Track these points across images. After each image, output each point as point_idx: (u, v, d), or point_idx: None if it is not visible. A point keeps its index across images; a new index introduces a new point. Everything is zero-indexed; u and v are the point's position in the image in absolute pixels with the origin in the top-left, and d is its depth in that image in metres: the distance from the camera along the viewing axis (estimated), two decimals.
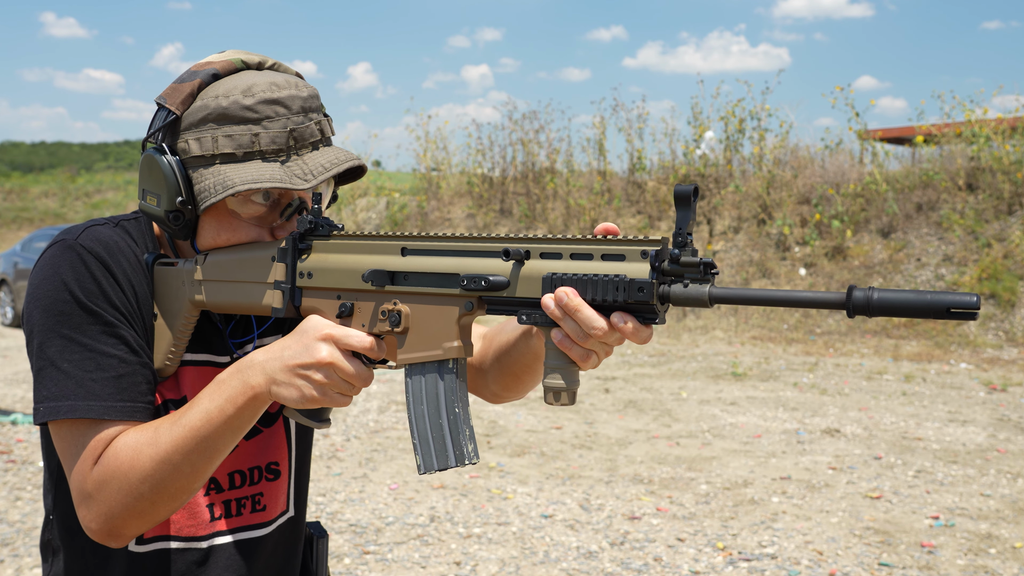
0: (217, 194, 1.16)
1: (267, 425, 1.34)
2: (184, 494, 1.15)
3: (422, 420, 1.12)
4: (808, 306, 0.92)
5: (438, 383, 1.11)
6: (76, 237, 1.19)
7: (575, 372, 1.03)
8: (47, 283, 1.17)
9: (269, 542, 1.35)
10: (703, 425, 6.44)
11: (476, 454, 1.10)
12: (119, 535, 1.16)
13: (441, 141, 17.41)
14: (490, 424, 6.40)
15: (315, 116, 1.22)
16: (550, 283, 1.01)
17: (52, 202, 27.71)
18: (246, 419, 1.13)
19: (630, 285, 0.97)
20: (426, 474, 1.11)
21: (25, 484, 4.94)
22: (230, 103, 1.18)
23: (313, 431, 1.44)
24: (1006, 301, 10.33)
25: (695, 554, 4.00)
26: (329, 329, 1.10)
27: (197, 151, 1.19)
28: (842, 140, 14.22)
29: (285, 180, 1.16)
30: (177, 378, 1.27)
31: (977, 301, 0.84)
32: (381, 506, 4.61)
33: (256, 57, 1.25)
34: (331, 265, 1.17)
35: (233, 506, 1.31)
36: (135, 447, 1.13)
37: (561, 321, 1.00)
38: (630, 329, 0.97)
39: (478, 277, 1.05)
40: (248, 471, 1.32)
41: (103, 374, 1.16)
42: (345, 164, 1.20)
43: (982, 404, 7.21)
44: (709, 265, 0.96)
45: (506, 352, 1.29)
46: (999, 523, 4.41)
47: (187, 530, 1.27)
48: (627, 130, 15.38)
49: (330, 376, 1.09)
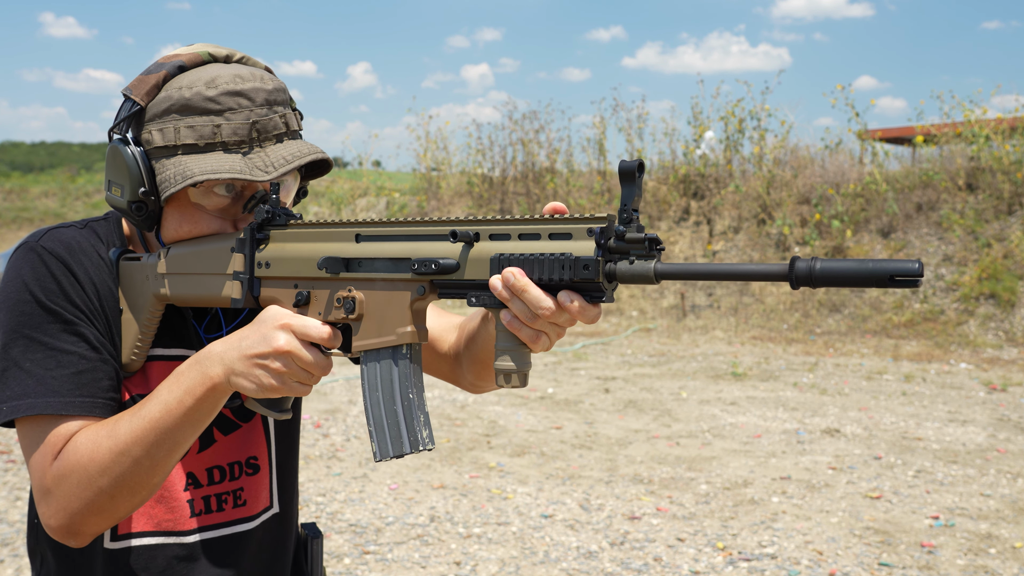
0: (176, 184, 1.16)
1: (245, 420, 1.34)
2: (144, 489, 1.14)
3: (377, 407, 1.11)
4: (753, 279, 0.92)
5: (392, 369, 1.11)
6: (39, 240, 1.21)
7: (526, 354, 1.02)
8: (10, 285, 1.19)
9: (253, 538, 1.34)
10: (703, 425, 6.43)
11: (431, 440, 1.09)
12: (79, 532, 1.16)
13: (441, 141, 17.40)
14: (490, 424, 6.40)
15: (280, 109, 1.22)
16: (497, 264, 1.01)
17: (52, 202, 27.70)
18: (205, 411, 1.13)
19: (576, 263, 0.96)
20: (382, 461, 1.11)
21: (25, 484, 4.94)
22: (193, 94, 1.18)
23: (298, 427, 1.44)
24: (1006, 301, 10.32)
25: (695, 554, 4.00)
26: (287, 318, 1.10)
27: (160, 142, 1.19)
28: (842, 140, 14.21)
29: (245, 171, 1.16)
30: (146, 373, 1.27)
31: (919, 268, 0.83)
32: (381, 506, 4.61)
33: (224, 50, 1.25)
34: (288, 254, 1.17)
35: (213, 501, 1.31)
36: (94, 440, 1.13)
37: (509, 302, 0.99)
38: (576, 308, 0.97)
39: (428, 260, 1.05)
40: (227, 466, 1.32)
41: (63, 371, 1.16)
42: (308, 157, 1.20)
43: (982, 404, 7.20)
44: (655, 241, 0.96)
45: (472, 339, 1.29)
46: (999, 523, 4.41)
47: (166, 524, 1.27)
48: (627, 130, 15.37)
49: (288, 365, 1.09)
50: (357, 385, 7.83)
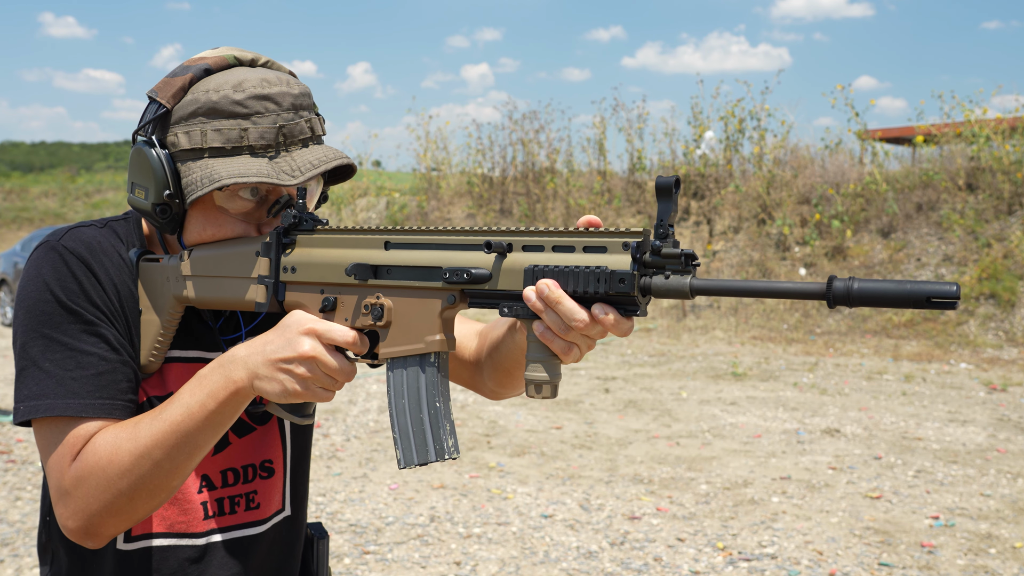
0: (203, 187, 1.16)
1: (260, 423, 1.34)
2: (163, 491, 1.14)
3: (403, 414, 1.11)
4: (789, 296, 0.92)
5: (419, 377, 1.10)
6: (59, 239, 1.20)
7: (557, 365, 1.02)
8: (30, 284, 1.18)
9: (264, 541, 1.34)
10: (703, 425, 6.43)
11: (456, 449, 1.09)
12: (97, 534, 1.15)
13: (441, 141, 17.42)
14: (490, 424, 6.40)
15: (305, 114, 1.22)
16: (531, 275, 1.01)
17: (52, 202, 27.70)
18: (227, 415, 1.12)
19: (611, 277, 0.96)
20: (406, 468, 1.11)
21: (25, 484, 4.94)
22: (220, 97, 1.17)
23: (311, 431, 1.44)
24: (1006, 301, 10.32)
25: (695, 554, 4.00)
26: (312, 323, 1.09)
27: (186, 144, 1.19)
28: (842, 140, 14.24)
29: (272, 175, 1.16)
30: (163, 375, 1.27)
31: (957, 291, 0.83)
32: (381, 506, 4.61)
33: (249, 54, 1.25)
34: (315, 260, 1.17)
35: (227, 504, 1.30)
36: (114, 443, 1.13)
37: (542, 313, 0.99)
38: (611, 321, 0.97)
39: (460, 270, 1.04)
40: (241, 469, 1.32)
41: (83, 372, 1.16)
42: (334, 162, 1.20)
43: (982, 404, 7.21)
44: (690, 256, 0.96)
45: (496, 348, 1.29)
46: (999, 523, 4.41)
47: (179, 526, 1.27)
48: (627, 130, 15.39)
49: (313, 370, 1.08)
50: (358, 385, 7.83)
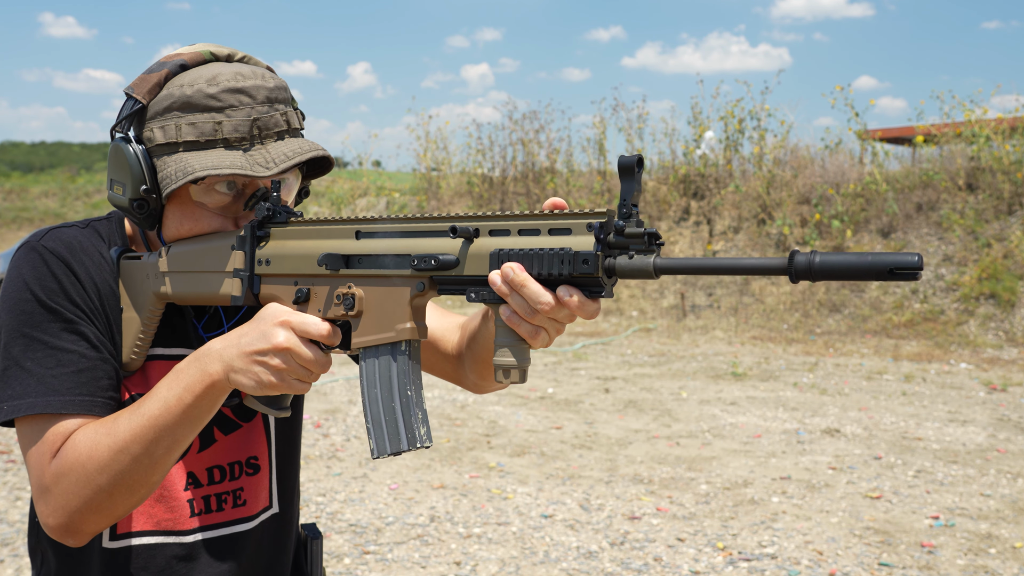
0: (178, 180, 1.16)
1: (245, 420, 1.34)
2: (143, 487, 1.14)
3: (375, 403, 1.11)
4: (752, 273, 0.91)
5: (391, 365, 1.10)
6: (40, 239, 1.21)
7: (525, 350, 1.02)
8: (11, 285, 1.19)
9: (252, 538, 1.34)
10: (703, 425, 6.43)
11: (429, 437, 1.09)
12: (78, 531, 1.15)
13: (441, 141, 17.40)
14: (490, 424, 6.40)
15: (281, 107, 1.22)
16: (497, 259, 1.01)
17: (52, 202, 27.70)
18: (205, 408, 1.13)
19: (575, 258, 0.96)
20: (379, 458, 1.11)
21: (25, 484, 4.94)
22: (194, 92, 1.18)
23: (299, 427, 1.44)
24: (1006, 301, 10.32)
25: (695, 554, 4.00)
26: (286, 315, 1.10)
27: (161, 139, 1.19)
28: (842, 140, 14.21)
29: (246, 167, 1.16)
30: (146, 372, 1.27)
31: (919, 260, 0.83)
32: (381, 506, 4.61)
33: (226, 50, 1.26)
34: (288, 251, 1.17)
35: (213, 501, 1.31)
36: (93, 438, 1.13)
37: (508, 297, 0.99)
38: (576, 302, 0.97)
39: (428, 256, 1.04)
40: (227, 466, 1.32)
41: (63, 369, 1.17)
42: (309, 154, 1.20)
43: (982, 404, 7.20)
44: (654, 236, 0.96)
45: (473, 338, 1.29)
46: (999, 523, 4.41)
47: (166, 524, 1.27)
48: (627, 130, 15.37)
49: (287, 362, 1.08)
50: (357, 385, 7.83)
